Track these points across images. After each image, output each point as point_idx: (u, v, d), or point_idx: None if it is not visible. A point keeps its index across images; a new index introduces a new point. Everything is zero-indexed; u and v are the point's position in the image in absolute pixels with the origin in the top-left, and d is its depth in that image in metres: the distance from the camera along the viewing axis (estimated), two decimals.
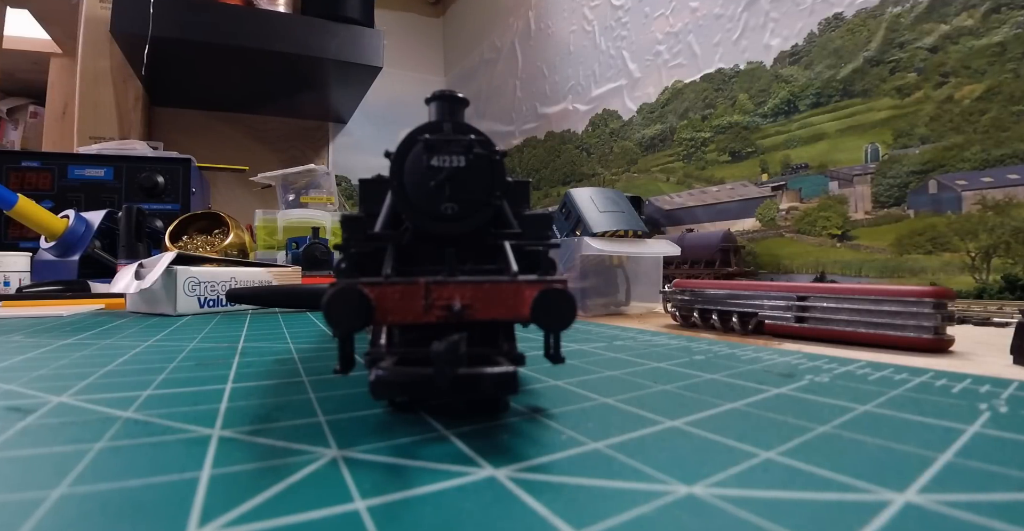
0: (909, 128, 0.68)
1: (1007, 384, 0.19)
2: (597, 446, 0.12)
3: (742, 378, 0.20)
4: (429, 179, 0.16)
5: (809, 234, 0.80)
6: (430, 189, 0.16)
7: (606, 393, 0.18)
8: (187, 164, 1.08)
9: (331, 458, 0.11)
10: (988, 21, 0.62)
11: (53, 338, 0.30)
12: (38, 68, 1.66)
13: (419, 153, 0.16)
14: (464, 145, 0.16)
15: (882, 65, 0.72)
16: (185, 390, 0.18)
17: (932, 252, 0.66)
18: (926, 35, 0.67)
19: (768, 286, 0.36)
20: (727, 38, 0.94)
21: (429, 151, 0.16)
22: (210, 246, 0.88)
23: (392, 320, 0.13)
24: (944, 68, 0.65)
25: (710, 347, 0.28)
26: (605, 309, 0.52)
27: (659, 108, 1.08)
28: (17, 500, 0.09)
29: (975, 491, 0.10)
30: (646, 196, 1.05)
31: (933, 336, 0.28)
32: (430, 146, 0.16)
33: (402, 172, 0.16)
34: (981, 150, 0.62)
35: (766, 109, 0.86)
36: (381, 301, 0.13)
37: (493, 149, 0.16)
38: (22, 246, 0.92)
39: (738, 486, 0.10)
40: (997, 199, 0.61)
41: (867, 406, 0.16)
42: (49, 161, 1.01)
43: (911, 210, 0.68)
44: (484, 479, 0.10)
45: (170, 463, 0.11)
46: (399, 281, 0.13)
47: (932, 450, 0.12)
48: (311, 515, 0.09)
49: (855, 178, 0.75)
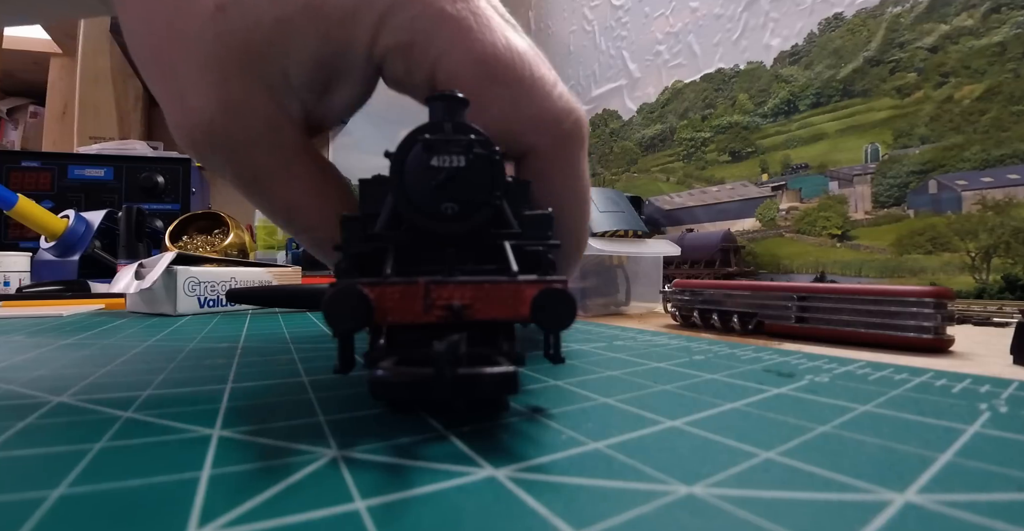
0: (909, 128, 0.68)
1: (1007, 384, 0.19)
2: (597, 446, 0.12)
3: (742, 378, 0.20)
4: (429, 179, 0.16)
5: (809, 234, 0.80)
6: (430, 189, 0.16)
7: (606, 393, 0.18)
8: (187, 164, 1.08)
9: (331, 458, 0.11)
10: (988, 21, 0.62)
11: (53, 338, 0.30)
12: (38, 68, 1.66)
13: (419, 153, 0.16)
14: (464, 145, 0.16)
15: (882, 65, 0.72)
16: (185, 390, 0.18)
17: (932, 252, 0.66)
18: (926, 35, 0.67)
19: (768, 286, 0.36)
20: (727, 38, 0.94)
21: (429, 151, 0.16)
22: (210, 246, 0.88)
23: (392, 320, 0.13)
24: (944, 68, 0.65)
25: (710, 347, 0.28)
26: (605, 309, 0.52)
27: (659, 108, 1.08)
28: (17, 500, 0.09)
29: (975, 491, 0.10)
30: (646, 196, 1.05)
31: (933, 336, 0.28)
32: (430, 146, 0.16)
33: (402, 172, 0.16)
34: (981, 150, 0.62)
35: (766, 109, 0.86)
36: (380, 301, 0.13)
37: (493, 149, 0.16)
38: (22, 246, 0.92)
39: (738, 486, 0.10)
40: (997, 199, 0.61)
41: (867, 406, 0.16)
42: (49, 161, 1.01)
43: (911, 210, 0.68)
44: (484, 479, 0.10)
45: (170, 463, 0.11)
46: (399, 281, 0.13)
47: (932, 450, 0.12)
48: (311, 515, 0.09)
49: (855, 178, 0.75)
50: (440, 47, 0.18)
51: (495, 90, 0.19)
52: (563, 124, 0.20)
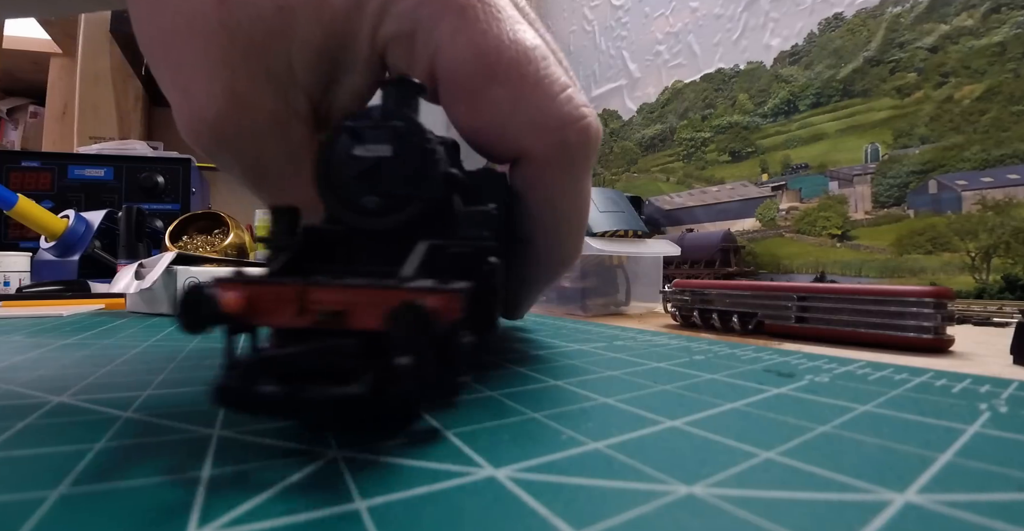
0: (909, 128, 0.68)
1: (1007, 384, 0.19)
2: (597, 446, 0.12)
3: (742, 378, 0.20)
4: (351, 170, 0.15)
5: (809, 234, 0.80)
6: (350, 181, 0.15)
7: (606, 393, 0.18)
8: (187, 164, 1.08)
9: (331, 458, 0.11)
10: (988, 21, 0.62)
11: (53, 338, 0.30)
12: (38, 68, 1.66)
13: (344, 141, 0.15)
14: (390, 132, 0.14)
15: (882, 65, 0.72)
16: (185, 390, 0.18)
17: (932, 252, 0.66)
18: (926, 35, 0.67)
19: (768, 286, 0.36)
20: (727, 38, 0.94)
21: (354, 139, 0.15)
22: (210, 246, 0.88)
23: (263, 323, 0.12)
24: (944, 68, 0.65)
25: (710, 347, 0.28)
26: (605, 309, 0.52)
27: (659, 108, 1.08)
28: (17, 500, 0.09)
29: (975, 491, 0.10)
30: (646, 196, 1.05)
31: (933, 336, 0.28)
32: (354, 133, 0.15)
33: (326, 162, 0.15)
34: (981, 150, 0.62)
35: (766, 109, 0.86)
36: (254, 302, 0.12)
37: (425, 137, 0.14)
38: (22, 246, 0.92)
39: (738, 486, 0.10)
40: (997, 199, 0.61)
41: (867, 406, 0.16)
42: (49, 161, 1.01)
43: (911, 210, 0.68)
44: (484, 479, 0.10)
45: (170, 463, 0.11)
46: (272, 281, 0.12)
47: (932, 450, 0.12)
48: (311, 515, 0.09)
49: (855, 178, 0.75)
50: (440, 38, 0.17)
51: (493, 87, 0.18)
52: (564, 131, 0.18)
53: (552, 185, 0.20)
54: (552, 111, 0.18)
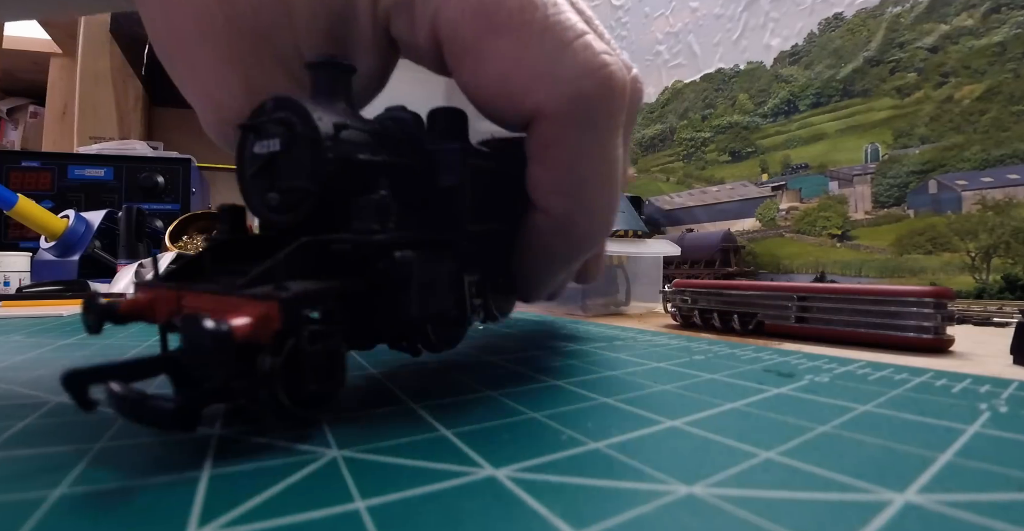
0: (909, 128, 0.68)
1: (1007, 384, 0.19)
2: (597, 446, 0.12)
3: (742, 378, 0.20)
4: (251, 168, 0.14)
5: (809, 234, 0.80)
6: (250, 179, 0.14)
7: (606, 393, 0.18)
8: (187, 164, 1.08)
9: (331, 458, 0.11)
10: (988, 21, 0.62)
11: (53, 338, 0.30)
12: (38, 68, 1.66)
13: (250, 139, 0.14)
14: (277, 125, 0.14)
15: (882, 65, 0.71)
16: None
17: (932, 252, 0.66)
18: (926, 35, 0.67)
19: (768, 286, 0.36)
20: (727, 38, 0.94)
21: (252, 136, 0.14)
22: None
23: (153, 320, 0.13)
24: (944, 68, 0.65)
25: (710, 347, 0.28)
26: (605, 309, 0.52)
27: (659, 108, 1.08)
28: (17, 500, 0.09)
29: (975, 491, 0.10)
30: (646, 196, 1.05)
31: (933, 336, 0.28)
32: (251, 130, 0.14)
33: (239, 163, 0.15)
34: (981, 150, 0.62)
35: (766, 109, 0.86)
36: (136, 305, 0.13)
37: (314, 126, 0.14)
38: (22, 246, 0.92)
39: (738, 486, 0.10)
40: (997, 199, 0.61)
41: (867, 406, 0.16)
42: (49, 161, 1.01)
43: (911, 210, 0.68)
44: (484, 479, 0.10)
45: (170, 463, 0.11)
46: (157, 285, 0.13)
47: (932, 450, 0.12)
48: (311, 515, 0.09)
49: (855, 178, 0.75)
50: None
51: (495, 38, 0.16)
52: (580, 81, 0.16)
53: (570, 146, 0.17)
54: (564, 60, 0.16)
